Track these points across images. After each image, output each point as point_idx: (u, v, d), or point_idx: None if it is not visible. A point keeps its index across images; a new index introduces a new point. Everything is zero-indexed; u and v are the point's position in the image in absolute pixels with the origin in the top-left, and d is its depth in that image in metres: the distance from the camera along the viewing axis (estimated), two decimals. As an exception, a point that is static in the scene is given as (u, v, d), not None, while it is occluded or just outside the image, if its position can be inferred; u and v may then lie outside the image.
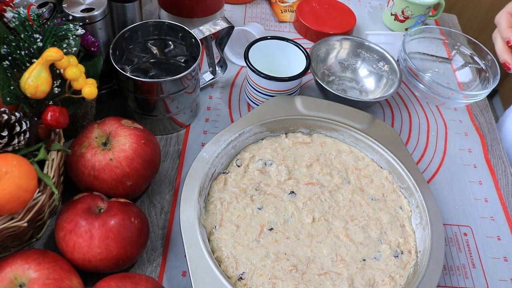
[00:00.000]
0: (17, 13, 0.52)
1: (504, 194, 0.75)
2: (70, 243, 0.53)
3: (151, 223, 0.64)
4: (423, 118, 0.84)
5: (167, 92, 0.67)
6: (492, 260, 0.67)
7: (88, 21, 0.63)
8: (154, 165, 0.62)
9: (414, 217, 0.63)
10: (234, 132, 0.66)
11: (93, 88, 0.55)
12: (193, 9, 0.83)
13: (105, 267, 0.54)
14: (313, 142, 0.70)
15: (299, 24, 0.95)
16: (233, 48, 0.87)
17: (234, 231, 0.59)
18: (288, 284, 0.55)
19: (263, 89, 0.73)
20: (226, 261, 0.56)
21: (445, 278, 0.64)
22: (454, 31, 0.91)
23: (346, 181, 0.66)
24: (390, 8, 0.98)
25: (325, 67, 0.85)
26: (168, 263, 0.60)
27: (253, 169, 0.65)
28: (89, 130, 0.60)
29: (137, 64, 0.77)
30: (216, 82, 0.83)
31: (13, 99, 0.53)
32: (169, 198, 0.67)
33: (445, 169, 0.77)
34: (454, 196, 0.74)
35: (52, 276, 0.49)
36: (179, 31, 0.72)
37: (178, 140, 0.74)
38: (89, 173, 0.58)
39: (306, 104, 0.71)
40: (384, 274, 0.58)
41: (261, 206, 0.62)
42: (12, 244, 0.57)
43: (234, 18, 0.97)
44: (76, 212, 0.54)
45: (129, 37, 0.71)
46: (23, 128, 0.52)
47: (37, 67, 0.51)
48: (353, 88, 0.85)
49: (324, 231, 0.60)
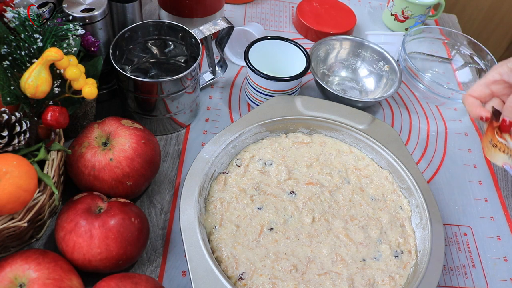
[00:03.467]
0: (17, 13, 0.52)
1: (504, 194, 0.75)
2: (70, 243, 0.53)
3: (151, 223, 0.64)
4: (423, 118, 0.84)
5: (167, 92, 0.67)
6: (492, 260, 0.67)
7: (88, 21, 0.63)
8: (154, 165, 0.62)
9: (414, 217, 0.63)
10: (234, 132, 0.66)
11: (93, 88, 0.55)
12: (193, 9, 0.83)
13: (105, 267, 0.54)
14: (313, 142, 0.70)
15: (299, 24, 0.95)
16: (233, 48, 0.87)
17: (234, 231, 0.59)
18: (288, 284, 0.55)
19: (263, 89, 0.73)
20: (226, 261, 0.56)
21: (445, 278, 0.64)
22: (454, 31, 0.92)
23: (346, 181, 0.66)
24: (390, 8, 0.98)
25: (325, 67, 0.85)
26: (168, 263, 0.60)
27: (253, 169, 0.65)
28: (89, 130, 0.60)
29: (137, 64, 0.77)
30: (216, 82, 0.83)
31: (13, 99, 0.53)
32: (169, 198, 0.67)
33: (445, 169, 0.77)
34: (454, 196, 0.74)
35: (52, 276, 0.49)
36: (179, 31, 0.72)
37: (178, 140, 0.74)
38: (89, 173, 0.58)
39: (306, 104, 0.71)
40: (384, 274, 0.58)
41: (261, 206, 0.62)
42: (12, 244, 0.57)
43: (234, 18, 0.97)
44: (76, 212, 0.54)
45: (129, 37, 0.71)
46: (23, 128, 0.52)
47: (37, 67, 0.51)
48: (353, 88, 0.85)
49: (324, 231, 0.60)
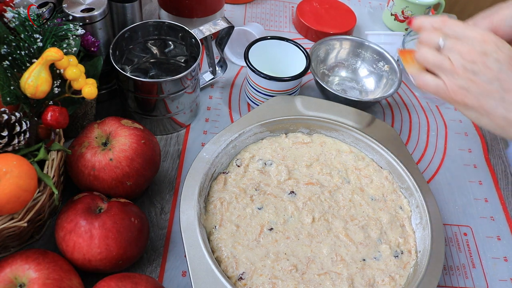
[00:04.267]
0: (17, 13, 0.52)
1: (504, 194, 0.75)
2: (70, 243, 0.53)
3: (151, 223, 0.64)
4: (423, 118, 0.84)
5: (167, 92, 0.67)
6: (492, 260, 0.67)
7: (88, 21, 0.63)
8: (154, 165, 0.62)
9: (414, 217, 0.63)
10: (234, 132, 0.66)
11: (93, 88, 0.55)
12: (193, 9, 0.83)
13: (105, 267, 0.54)
14: (313, 142, 0.70)
15: (299, 24, 0.95)
16: (233, 48, 0.87)
17: (234, 231, 0.59)
18: (288, 284, 0.55)
19: (263, 89, 0.73)
20: (226, 261, 0.56)
21: (445, 278, 0.64)
22: (454, 31, 0.91)
23: (346, 181, 0.66)
24: (390, 8, 0.98)
25: (325, 67, 0.85)
26: (168, 263, 0.60)
27: (253, 169, 0.65)
28: (89, 130, 0.60)
29: (137, 64, 0.77)
30: (216, 82, 0.83)
31: (13, 99, 0.53)
32: (169, 198, 0.67)
33: (445, 169, 0.77)
34: (454, 196, 0.73)
35: (52, 276, 0.49)
36: (179, 31, 0.72)
37: (178, 140, 0.74)
38: (89, 173, 0.58)
39: (306, 104, 0.71)
40: (384, 274, 0.58)
41: (261, 206, 0.62)
42: (12, 244, 0.57)
43: (234, 18, 0.97)
44: (76, 212, 0.54)
45: (129, 37, 0.71)
46: (23, 128, 0.52)
47: (37, 67, 0.51)
48: (353, 88, 0.85)
49: (324, 231, 0.60)
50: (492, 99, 0.49)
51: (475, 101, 0.50)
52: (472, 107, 0.51)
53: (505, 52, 0.49)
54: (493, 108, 0.50)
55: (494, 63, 0.49)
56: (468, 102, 0.50)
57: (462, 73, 0.50)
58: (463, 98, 0.50)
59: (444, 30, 0.52)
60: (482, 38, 0.50)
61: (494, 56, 0.49)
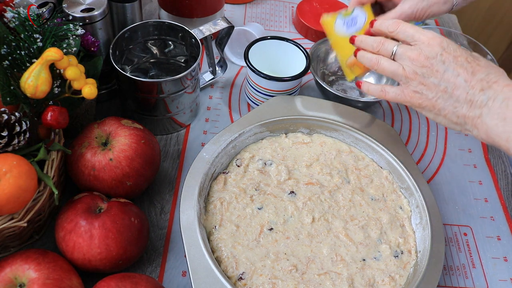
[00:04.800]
0: (17, 13, 0.52)
1: (504, 194, 0.75)
2: (70, 243, 0.53)
3: (151, 223, 0.64)
4: (423, 118, 0.84)
5: (167, 92, 0.67)
6: (492, 260, 0.67)
7: (88, 21, 0.63)
8: (154, 165, 0.62)
9: (414, 217, 0.63)
10: (234, 132, 0.66)
11: (93, 88, 0.55)
12: (193, 9, 0.83)
13: (105, 267, 0.54)
14: (313, 142, 0.70)
15: (299, 24, 0.95)
16: (233, 48, 0.87)
17: (234, 231, 0.59)
18: (288, 284, 0.55)
19: (263, 89, 0.73)
20: (226, 261, 0.56)
21: (445, 278, 0.64)
22: (454, 31, 0.91)
23: (346, 181, 0.66)
24: (390, 8, 0.98)
25: (325, 67, 0.85)
26: (168, 263, 0.60)
27: (253, 169, 0.65)
28: (89, 130, 0.60)
29: (137, 64, 0.77)
30: (216, 82, 0.83)
31: (13, 99, 0.53)
32: (169, 198, 0.67)
33: (445, 169, 0.77)
34: (454, 196, 0.73)
35: (52, 276, 0.49)
36: (179, 31, 0.72)
37: (178, 140, 0.74)
38: (89, 173, 0.58)
39: (306, 104, 0.71)
40: (384, 274, 0.58)
41: (261, 206, 0.62)
42: (12, 244, 0.57)
43: (234, 18, 0.97)
44: (76, 212, 0.54)
45: (129, 37, 0.71)
46: (23, 128, 0.52)
47: (37, 67, 0.51)
48: (353, 88, 0.85)
49: (324, 231, 0.60)
50: (441, 99, 0.53)
51: (428, 102, 0.54)
52: (428, 108, 0.55)
53: (450, 52, 0.53)
54: (444, 106, 0.54)
55: (439, 64, 0.53)
56: (423, 104, 0.55)
57: (414, 78, 0.54)
58: (418, 101, 0.55)
59: (397, 34, 0.56)
60: (428, 41, 0.54)
61: (439, 58, 0.53)
